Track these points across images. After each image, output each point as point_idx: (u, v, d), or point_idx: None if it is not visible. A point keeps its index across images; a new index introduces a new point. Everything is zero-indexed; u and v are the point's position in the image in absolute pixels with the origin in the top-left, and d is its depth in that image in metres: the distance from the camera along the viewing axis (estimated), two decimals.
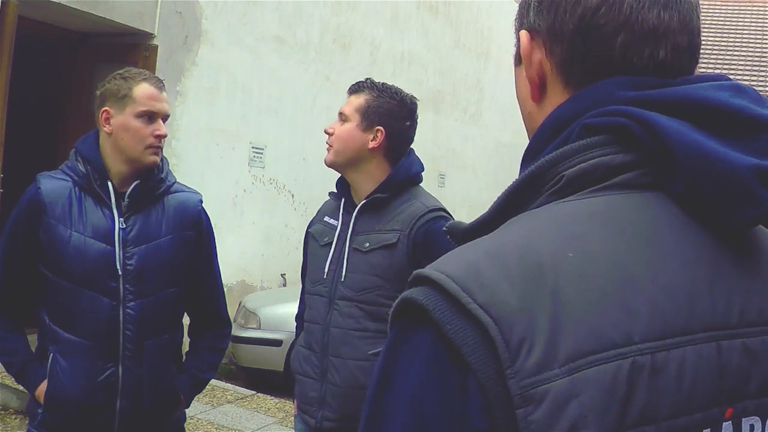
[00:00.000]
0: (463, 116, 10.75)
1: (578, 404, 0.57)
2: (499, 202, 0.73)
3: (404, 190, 2.21)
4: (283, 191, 7.62)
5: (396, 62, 9.11)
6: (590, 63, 0.73)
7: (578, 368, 0.58)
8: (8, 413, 4.59)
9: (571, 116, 0.72)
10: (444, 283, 0.61)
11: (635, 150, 0.68)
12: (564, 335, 0.58)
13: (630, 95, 0.70)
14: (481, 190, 11.06)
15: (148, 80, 2.07)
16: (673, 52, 0.73)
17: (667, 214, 0.67)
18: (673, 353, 0.61)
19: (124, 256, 2.02)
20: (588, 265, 0.62)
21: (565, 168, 0.69)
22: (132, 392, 2.04)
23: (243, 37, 6.94)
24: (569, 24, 0.73)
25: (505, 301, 0.59)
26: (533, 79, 0.77)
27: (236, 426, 4.92)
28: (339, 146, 2.20)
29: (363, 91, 2.23)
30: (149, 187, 2.09)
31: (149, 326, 2.05)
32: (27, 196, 2.05)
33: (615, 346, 0.59)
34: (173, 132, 6.33)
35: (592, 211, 0.66)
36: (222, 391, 5.56)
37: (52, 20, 5.62)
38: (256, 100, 7.15)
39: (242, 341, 5.87)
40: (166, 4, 6.10)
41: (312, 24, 7.78)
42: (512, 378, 0.57)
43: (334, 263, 2.20)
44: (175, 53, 6.26)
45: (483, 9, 10.95)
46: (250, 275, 7.25)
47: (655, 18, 0.72)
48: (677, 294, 0.63)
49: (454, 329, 0.59)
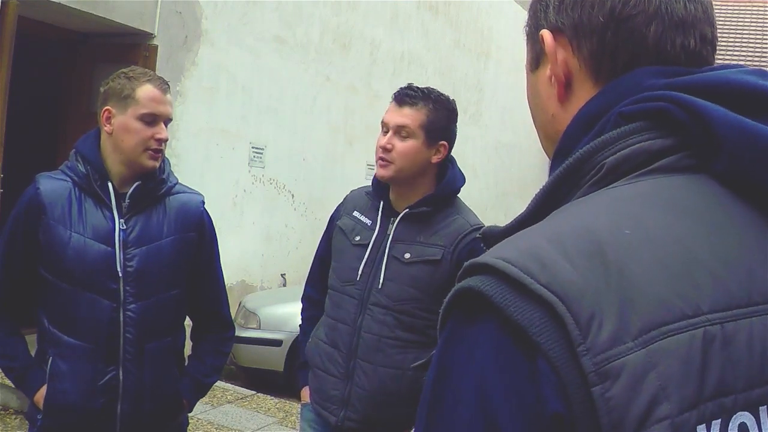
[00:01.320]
0: (463, 116, 10.68)
1: (657, 375, 0.56)
2: (538, 199, 0.71)
3: (448, 202, 2.21)
4: (283, 191, 7.61)
5: (396, 62, 9.10)
6: (622, 55, 0.73)
7: (652, 340, 0.56)
8: (8, 413, 4.59)
9: (601, 109, 0.72)
10: (503, 267, 0.59)
11: (675, 134, 0.68)
12: (633, 308, 0.57)
13: (662, 82, 0.70)
14: (481, 190, 11.06)
15: (152, 81, 2.03)
16: (701, 41, 0.74)
17: (714, 193, 0.67)
18: (741, 323, 0.60)
19: (125, 257, 2.00)
20: (646, 241, 0.61)
21: (604, 157, 0.68)
22: (133, 396, 2.01)
23: (243, 37, 6.94)
24: (598, 18, 0.73)
25: (569, 279, 0.58)
26: (559, 77, 0.76)
27: (236, 426, 4.92)
28: (404, 164, 2.14)
29: (418, 103, 2.16)
30: (150, 188, 2.06)
31: (150, 329, 2.03)
32: (26, 196, 2.02)
33: (685, 317, 0.58)
34: (173, 132, 6.33)
35: (640, 193, 0.66)
36: (222, 391, 5.56)
37: (52, 20, 5.62)
38: (256, 100, 7.15)
39: (242, 341, 5.87)
40: (166, 4, 6.10)
41: (312, 24, 7.78)
42: (585, 355, 0.56)
43: (368, 266, 2.18)
44: (175, 53, 6.26)
45: (483, 9, 10.94)
46: (250, 275, 7.25)
47: (683, 9, 0.73)
48: (736, 267, 0.62)
49: (518, 311, 0.58)
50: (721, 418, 0.57)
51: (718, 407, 0.57)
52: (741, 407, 0.59)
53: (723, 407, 0.58)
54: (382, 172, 2.17)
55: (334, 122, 8.18)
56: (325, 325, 2.29)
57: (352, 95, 8.35)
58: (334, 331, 2.24)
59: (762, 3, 15.77)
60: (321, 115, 7.99)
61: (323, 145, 8.08)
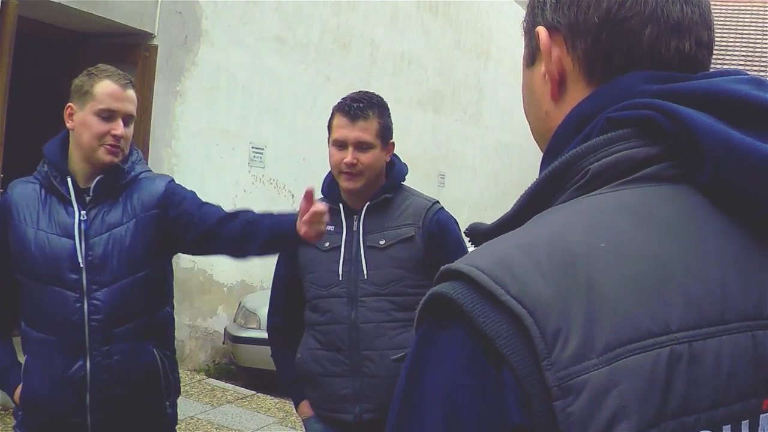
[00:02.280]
0: (463, 116, 10.75)
1: (618, 394, 0.56)
2: (522, 200, 0.71)
3: (400, 188, 2.39)
4: (283, 191, 7.61)
5: (396, 62, 9.10)
6: (616, 57, 0.73)
7: (616, 357, 0.57)
8: (8, 413, 4.59)
9: (593, 111, 0.72)
10: (475, 276, 0.60)
11: (661, 142, 0.67)
12: (600, 325, 0.57)
13: (653, 89, 0.70)
14: (481, 190, 11.06)
15: (111, 77, 2.03)
16: (697, 45, 0.74)
17: (695, 205, 0.66)
18: (710, 342, 0.60)
19: (86, 247, 2.02)
20: (620, 255, 0.61)
21: (589, 162, 0.68)
22: (102, 384, 2.02)
23: (243, 37, 6.94)
24: (593, 18, 0.73)
25: (539, 291, 0.58)
26: (553, 75, 0.76)
27: (236, 426, 4.92)
28: (371, 173, 2.30)
29: (368, 114, 2.30)
30: (111, 179, 2.07)
31: (118, 314, 2.03)
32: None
33: (652, 335, 0.58)
34: (173, 132, 6.33)
35: (621, 202, 0.66)
36: (222, 391, 5.56)
37: (52, 20, 5.62)
38: (256, 100, 7.15)
39: (242, 341, 5.87)
40: (166, 4, 6.10)
41: (312, 24, 7.78)
42: (549, 369, 0.56)
43: (347, 264, 2.29)
44: (175, 53, 6.26)
45: (483, 9, 10.94)
46: (250, 275, 7.24)
47: (679, 11, 0.73)
48: (710, 284, 0.62)
49: (487, 321, 0.58)
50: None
51: (679, 426, 0.58)
52: (703, 426, 0.59)
53: (684, 426, 0.58)
54: (351, 185, 2.29)
55: None
56: (314, 335, 2.33)
57: None
58: (328, 335, 2.29)
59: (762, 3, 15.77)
60: (321, 115, 7.95)
61: (323, 145, 7.99)
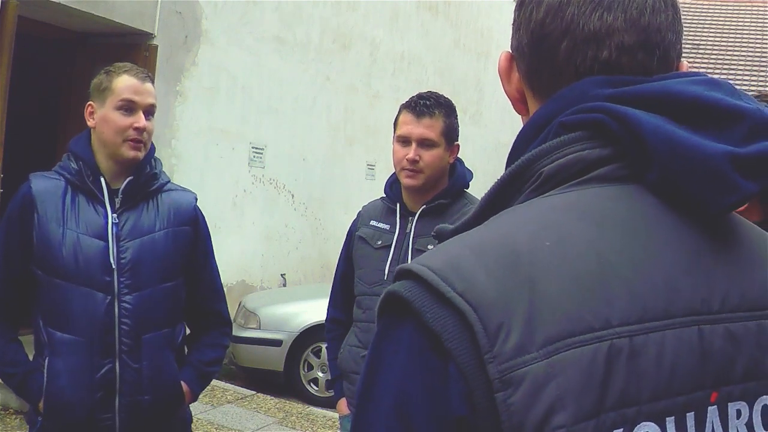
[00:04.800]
0: (463, 116, 10.67)
1: (556, 386, 0.58)
2: (482, 203, 0.75)
3: (461, 195, 2.37)
4: (283, 191, 7.62)
5: (396, 62, 9.11)
6: (544, 74, 0.76)
7: (555, 351, 0.59)
8: (8, 413, 4.59)
9: (548, 117, 0.74)
10: (424, 274, 0.63)
11: (611, 144, 0.70)
12: (540, 320, 0.60)
13: (606, 92, 0.71)
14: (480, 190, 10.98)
15: (129, 72, 2.05)
16: (618, 51, 0.73)
17: (644, 204, 0.69)
18: (652, 337, 0.62)
19: (118, 250, 2.01)
20: (565, 253, 0.64)
21: (543, 165, 0.71)
22: (131, 388, 2.01)
23: (243, 37, 6.94)
24: (525, 39, 0.77)
25: (483, 289, 0.61)
26: (512, 95, 0.82)
27: (236, 426, 4.92)
28: (432, 172, 2.28)
29: (435, 113, 2.29)
30: (142, 183, 2.08)
31: (146, 320, 2.03)
32: (19, 196, 2.04)
33: (592, 330, 0.61)
34: (173, 132, 6.33)
35: (571, 202, 0.68)
36: (222, 391, 5.56)
37: (52, 20, 5.62)
38: (256, 100, 7.15)
39: (242, 341, 5.87)
40: (166, 4, 6.10)
41: (312, 24, 7.78)
42: (491, 362, 0.59)
43: (394, 265, 2.30)
44: (175, 53, 6.26)
45: (483, 9, 10.95)
46: (250, 275, 7.25)
47: (597, 21, 0.74)
48: (656, 280, 0.64)
49: (434, 317, 0.61)
50: (623, 427, 0.60)
51: (620, 417, 0.60)
52: (645, 418, 0.61)
53: (625, 417, 0.60)
54: (411, 182, 2.28)
55: (334, 122, 8.19)
56: (357, 332, 2.39)
57: (352, 95, 8.36)
58: (367, 333, 2.33)
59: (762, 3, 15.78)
60: (321, 115, 7.99)
61: (323, 145, 8.08)
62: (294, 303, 6.14)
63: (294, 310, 5.99)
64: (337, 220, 7.75)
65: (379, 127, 8.17)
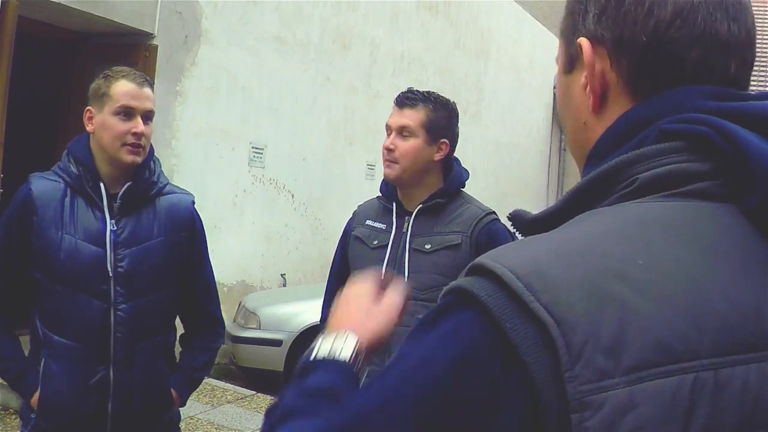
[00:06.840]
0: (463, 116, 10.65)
1: (635, 416, 0.56)
2: (567, 197, 0.71)
3: (458, 195, 2.34)
4: (283, 191, 7.61)
5: (396, 62, 9.10)
6: (662, 76, 0.72)
7: (639, 379, 0.57)
8: (8, 413, 4.59)
9: (644, 120, 0.71)
10: (507, 278, 0.59)
11: (711, 160, 0.67)
12: (628, 344, 0.57)
13: (710, 105, 0.69)
14: (481, 190, 11.03)
15: (127, 77, 2.05)
16: (742, 66, 0.73)
17: (738, 228, 0.66)
18: (738, 370, 0.60)
19: (116, 258, 2.01)
20: (657, 275, 0.60)
21: (639, 171, 0.68)
22: (123, 395, 2.03)
23: (243, 37, 6.94)
24: (640, 36, 0.71)
25: (570, 303, 0.58)
26: (596, 90, 0.74)
27: (236, 426, 4.92)
28: (407, 163, 2.25)
29: (418, 105, 2.27)
30: (141, 189, 2.08)
31: (141, 328, 2.05)
32: (19, 196, 2.04)
33: (678, 360, 0.58)
34: (173, 132, 6.33)
35: (665, 217, 0.65)
36: (222, 391, 5.56)
37: (52, 20, 5.62)
38: (256, 100, 7.15)
39: (242, 341, 5.87)
40: (166, 4, 6.10)
41: (312, 24, 7.78)
42: (571, 382, 0.56)
43: (391, 265, 2.28)
44: (175, 53, 6.26)
45: (483, 9, 10.94)
46: (250, 275, 7.24)
47: (727, 31, 0.71)
48: (746, 309, 0.61)
49: (513, 327, 0.58)
50: None
51: None
52: None
53: None
54: (387, 172, 2.28)
55: (334, 122, 8.18)
56: None
57: (352, 95, 8.35)
58: None
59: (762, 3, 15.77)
60: (321, 115, 7.98)
61: (323, 145, 8.08)
62: (294, 303, 6.14)
63: (294, 310, 5.99)
64: (337, 220, 7.74)
65: (379, 127, 8.13)
